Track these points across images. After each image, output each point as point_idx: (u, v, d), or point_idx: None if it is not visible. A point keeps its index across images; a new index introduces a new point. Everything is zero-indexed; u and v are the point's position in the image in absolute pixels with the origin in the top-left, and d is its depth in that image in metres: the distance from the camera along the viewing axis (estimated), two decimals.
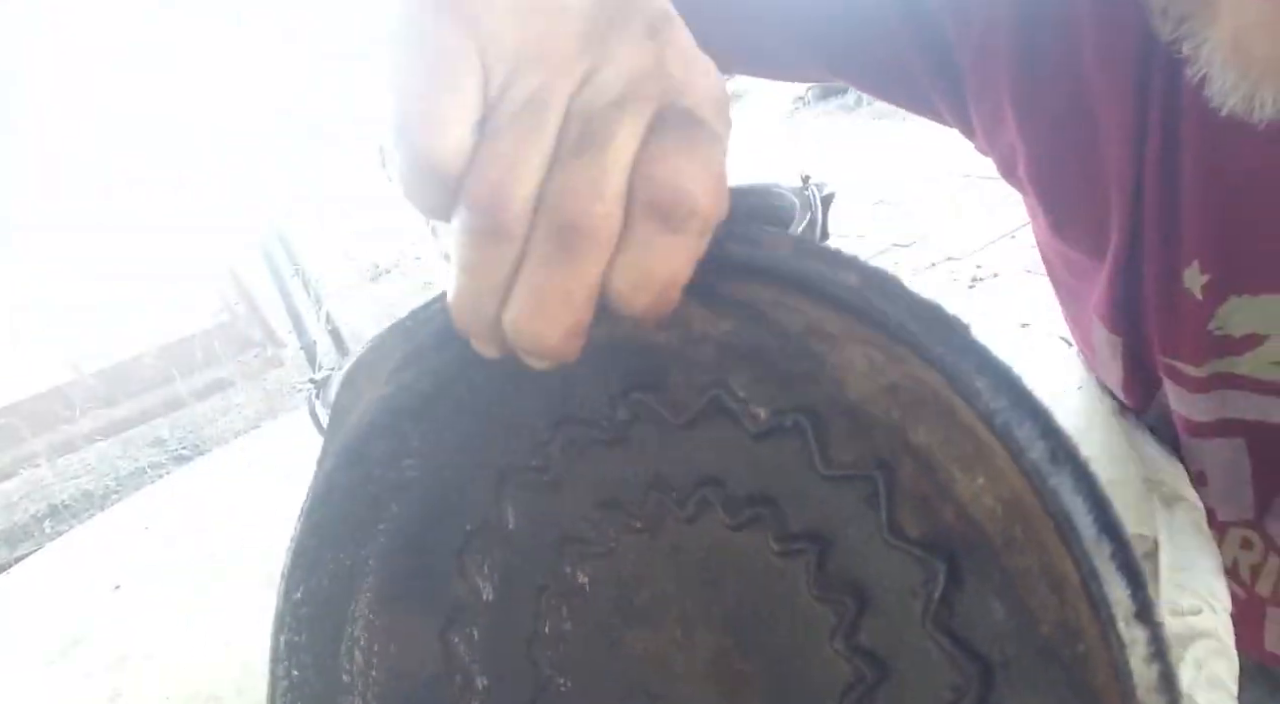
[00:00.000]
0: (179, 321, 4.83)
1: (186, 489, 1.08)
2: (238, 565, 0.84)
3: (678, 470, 0.29)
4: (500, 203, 0.23)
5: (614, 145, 0.23)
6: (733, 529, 0.28)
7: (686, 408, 0.28)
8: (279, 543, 0.28)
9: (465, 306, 0.25)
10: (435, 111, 0.23)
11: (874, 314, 0.23)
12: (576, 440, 0.30)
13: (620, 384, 0.29)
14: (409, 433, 0.30)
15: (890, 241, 3.57)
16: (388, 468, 0.31)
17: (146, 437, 4.63)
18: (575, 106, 0.23)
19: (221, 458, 1.15)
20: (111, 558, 0.96)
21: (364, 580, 0.32)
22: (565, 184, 0.23)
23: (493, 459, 0.31)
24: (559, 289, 0.23)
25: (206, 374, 4.49)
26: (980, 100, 0.51)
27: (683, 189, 0.23)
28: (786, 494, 0.28)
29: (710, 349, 0.26)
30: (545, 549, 0.32)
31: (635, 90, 0.24)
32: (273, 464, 1.04)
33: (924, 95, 0.55)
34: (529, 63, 0.23)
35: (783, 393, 0.26)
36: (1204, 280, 0.46)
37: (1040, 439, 0.22)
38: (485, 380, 0.29)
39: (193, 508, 1.01)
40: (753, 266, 0.25)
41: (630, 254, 0.23)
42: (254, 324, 4.64)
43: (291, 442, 1.09)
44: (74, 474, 4.34)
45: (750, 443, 0.27)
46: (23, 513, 4.05)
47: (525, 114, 0.23)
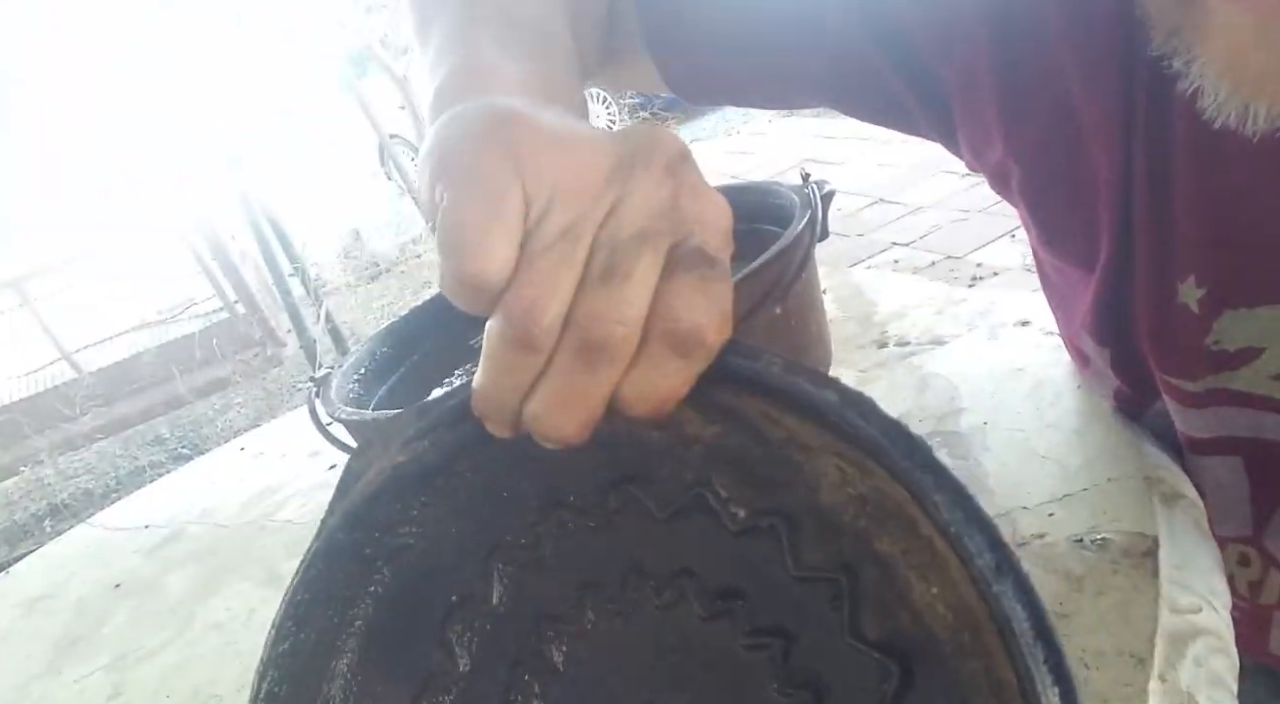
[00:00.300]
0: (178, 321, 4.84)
1: (187, 487, 1.08)
2: (239, 564, 0.85)
3: (657, 560, 0.31)
4: (534, 318, 0.26)
5: (635, 277, 0.26)
6: (704, 620, 0.30)
7: (671, 503, 0.30)
8: (280, 542, 0.28)
9: (489, 395, 0.28)
10: (484, 240, 0.26)
11: (849, 430, 0.27)
12: (566, 523, 0.32)
13: (612, 474, 0.31)
14: (411, 502, 0.32)
15: (890, 240, 3.57)
16: (386, 533, 0.33)
17: (146, 435, 4.64)
18: (602, 236, 0.27)
19: (221, 456, 1.15)
20: (111, 556, 0.96)
21: (348, 640, 0.34)
22: (592, 308, 0.26)
23: (486, 534, 0.33)
24: (579, 393, 0.27)
25: (206, 373, 4.49)
26: (967, 123, 0.51)
27: (696, 324, 0.27)
28: (757, 590, 0.30)
29: (699, 450, 0.29)
30: (524, 625, 0.33)
31: (654, 225, 0.27)
32: (273, 463, 1.04)
33: (914, 121, 0.55)
34: (564, 195, 0.27)
35: (761, 496, 0.29)
36: (1200, 294, 0.46)
37: (988, 551, 0.24)
38: (488, 460, 0.32)
39: (193, 506, 1.01)
40: (745, 379, 0.28)
41: (642, 371, 0.27)
42: (253, 323, 4.64)
43: (291, 440, 1.09)
44: (74, 473, 4.34)
45: (728, 539, 0.30)
46: (23, 512, 4.06)
47: (560, 243, 0.27)
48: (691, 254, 0.27)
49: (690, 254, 0.27)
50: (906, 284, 0.88)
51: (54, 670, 0.78)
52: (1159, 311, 0.48)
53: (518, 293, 0.26)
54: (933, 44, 0.49)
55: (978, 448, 0.60)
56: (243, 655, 0.70)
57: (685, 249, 0.27)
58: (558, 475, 0.31)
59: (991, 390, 0.65)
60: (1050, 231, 0.53)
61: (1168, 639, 0.41)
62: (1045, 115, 0.47)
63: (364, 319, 4.88)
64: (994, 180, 0.54)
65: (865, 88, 0.54)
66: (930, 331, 0.77)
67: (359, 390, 0.66)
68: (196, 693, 0.67)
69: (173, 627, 0.78)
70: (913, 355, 0.75)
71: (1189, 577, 0.45)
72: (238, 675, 0.67)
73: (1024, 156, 0.49)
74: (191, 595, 0.82)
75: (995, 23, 0.46)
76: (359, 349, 0.71)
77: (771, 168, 5.30)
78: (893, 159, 4.38)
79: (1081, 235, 0.50)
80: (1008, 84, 0.47)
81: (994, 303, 0.78)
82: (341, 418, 0.57)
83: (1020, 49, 0.46)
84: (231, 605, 0.78)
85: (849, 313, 0.87)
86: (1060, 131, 0.47)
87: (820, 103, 0.58)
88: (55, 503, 3.99)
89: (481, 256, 0.26)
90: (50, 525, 3.84)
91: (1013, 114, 0.48)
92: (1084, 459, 0.55)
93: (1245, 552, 0.56)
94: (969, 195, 3.60)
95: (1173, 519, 0.49)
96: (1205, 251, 0.45)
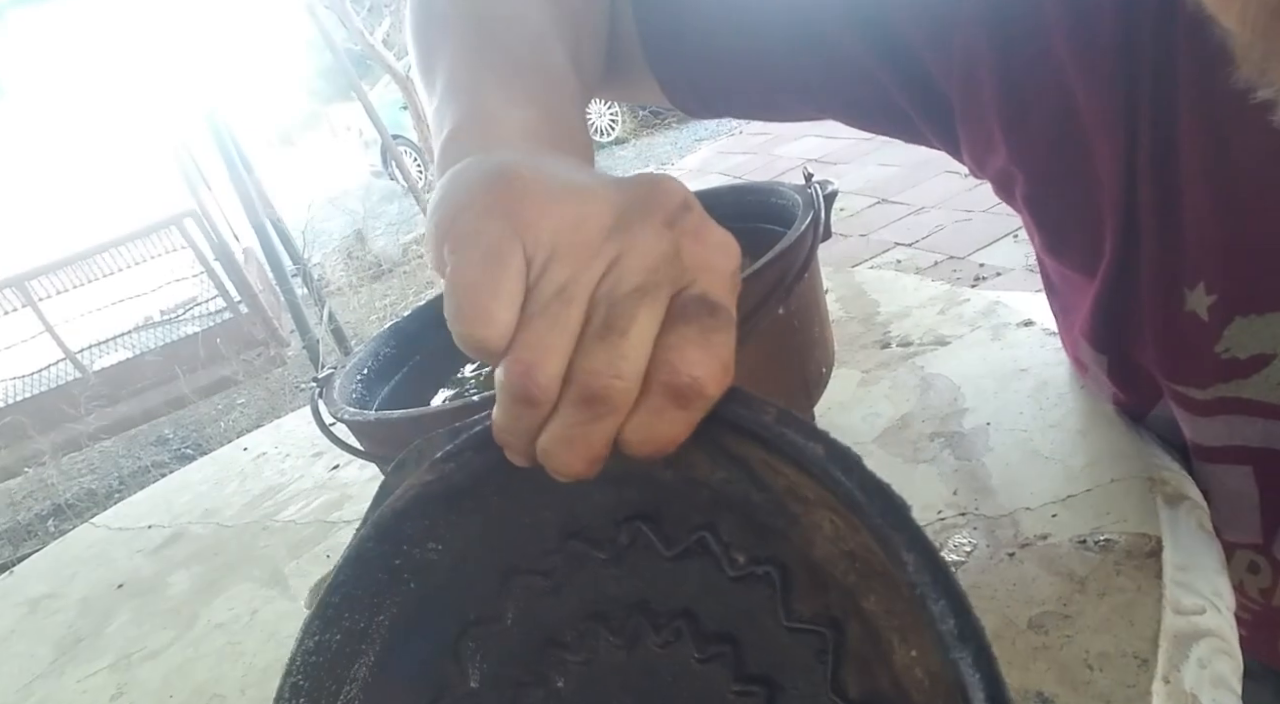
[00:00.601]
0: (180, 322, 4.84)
1: (190, 487, 1.08)
2: (241, 564, 0.85)
3: (661, 598, 0.32)
4: (531, 380, 0.27)
5: (634, 332, 0.27)
6: (699, 661, 0.32)
7: (677, 543, 0.32)
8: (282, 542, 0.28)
9: (503, 431, 0.29)
10: (486, 306, 0.27)
11: (829, 483, 0.27)
12: (580, 554, 0.33)
13: (625, 511, 0.32)
14: (439, 520, 0.34)
15: (893, 240, 3.57)
16: (414, 547, 0.34)
17: (149, 436, 4.64)
18: (601, 291, 0.28)
19: (224, 456, 1.15)
20: (115, 556, 0.96)
21: (370, 646, 0.35)
22: (591, 364, 0.27)
23: (505, 557, 0.34)
24: (582, 438, 0.28)
25: (209, 373, 4.49)
26: (969, 131, 0.51)
27: (695, 377, 0.27)
28: (749, 637, 0.31)
29: (706, 494, 0.30)
30: (533, 649, 0.35)
31: (654, 278, 0.28)
32: (276, 463, 1.04)
33: (916, 130, 0.55)
34: (563, 253, 0.28)
35: (760, 543, 0.30)
36: (1210, 301, 0.46)
37: (952, 616, 0.25)
38: (512, 486, 0.33)
39: (196, 506, 1.02)
40: (745, 428, 0.29)
41: (642, 417, 0.28)
42: (257, 323, 4.65)
43: (294, 441, 1.09)
44: (77, 473, 4.35)
45: (726, 584, 0.31)
46: (26, 512, 4.06)
47: (555, 303, 0.27)
48: (693, 304, 0.28)
49: (691, 304, 0.28)
50: (909, 284, 0.88)
51: (57, 670, 0.78)
52: (1166, 319, 0.48)
53: (516, 356, 0.27)
54: (932, 52, 0.49)
55: (980, 448, 0.60)
56: (245, 655, 0.70)
57: (687, 299, 0.28)
58: (576, 507, 0.33)
59: (994, 391, 0.65)
60: (1054, 237, 0.52)
61: (1171, 640, 0.41)
62: (1048, 120, 0.47)
63: (367, 319, 4.89)
64: (997, 187, 0.54)
65: (867, 99, 0.54)
66: (933, 332, 0.77)
67: (362, 390, 0.66)
68: (199, 692, 0.67)
69: (176, 627, 0.78)
70: (916, 356, 0.74)
71: (1193, 578, 0.45)
72: (240, 675, 0.67)
73: (1027, 163, 0.49)
74: (194, 595, 0.82)
75: (995, 28, 0.46)
76: (362, 349, 0.71)
77: (774, 168, 5.30)
78: (895, 159, 4.38)
79: (1085, 241, 0.49)
80: (1009, 90, 0.47)
81: (997, 303, 0.78)
82: (344, 418, 0.57)
83: (1021, 54, 0.45)
84: (234, 605, 0.78)
85: (852, 313, 0.87)
86: (1063, 137, 0.46)
87: (823, 115, 0.58)
88: (59, 503, 3.99)
89: (483, 323, 0.27)
90: (54, 525, 3.85)
91: (1014, 120, 0.48)
92: (1087, 460, 0.55)
93: (1255, 559, 0.56)
94: (972, 195, 3.60)
95: (1176, 520, 0.49)
96: (1216, 258, 0.45)
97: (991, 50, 0.46)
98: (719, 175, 5.51)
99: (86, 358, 4.75)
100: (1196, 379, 0.49)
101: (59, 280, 4.52)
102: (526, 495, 0.33)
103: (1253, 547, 0.55)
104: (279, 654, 0.68)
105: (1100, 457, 0.54)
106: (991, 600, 0.47)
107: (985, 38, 0.46)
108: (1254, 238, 0.43)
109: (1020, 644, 0.43)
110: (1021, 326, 0.73)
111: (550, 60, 0.44)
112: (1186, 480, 0.52)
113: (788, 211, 0.63)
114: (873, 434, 0.66)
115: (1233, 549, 0.55)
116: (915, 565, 0.25)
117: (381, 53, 5.23)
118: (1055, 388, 0.63)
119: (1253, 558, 0.56)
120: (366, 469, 0.92)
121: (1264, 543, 0.54)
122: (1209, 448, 0.52)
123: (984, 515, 0.53)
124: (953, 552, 0.51)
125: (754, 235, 0.67)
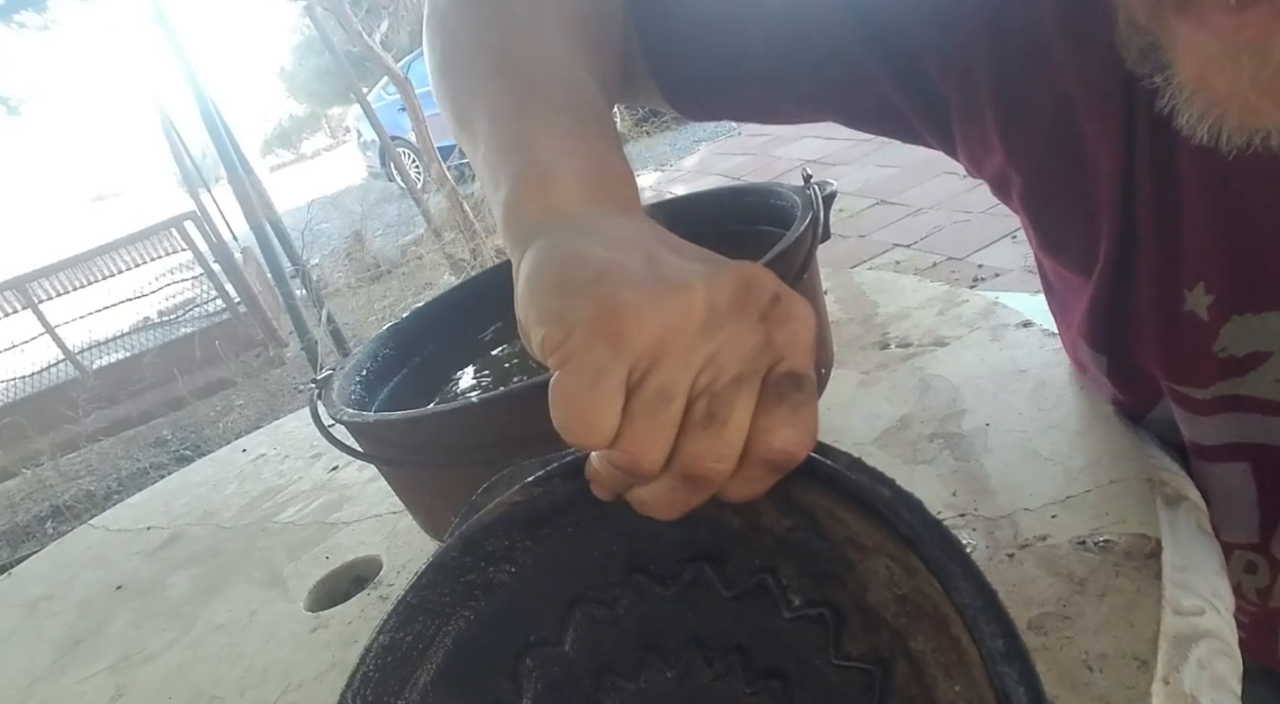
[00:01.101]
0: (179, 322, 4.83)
1: (188, 489, 1.08)
2: (240, 566, 0.85)
3: (717, 633, 0.34)
4: (636, 467, 0.30)
5: (733, 421, 0.30)
6: (749, 695, 0.33)
7: (738, 584, 0.34)
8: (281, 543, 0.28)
9: (600, 478, 0.32)
10: (591, 424, 0.30)
11: (896, 522, 0.30)
12: (644, 588, 0.35)
13: (690, 551, 0.35)
14: (517, 543, 0.36)
15: (892, 241, 3.57)
16: (490, 563, 0.36)
17: (148, 437, 4.64)
18: (701, 382, 0.30)
19: (223, 458, 1.15)
20: (113, 558, 0.96)
21: (436, 653, 0.37)
22: (694, 450, 0.30)
23: (572, 585, 0.36)
24: (682, 502, 0.31)
25: (208, 374, 4.49)
26: (966, 130, 0.51)
27: (789, 451, 0.30)
28: (798, 673, 0.33)
29: (770, 541, 0.33)
30: (588, 674, 0.36)
31: (750, 367, 0.30)
32: (274, 465, 1.04)
33: (914, 130, 0.55)
34: (660, 356, 0.30)
35: (817, 587, 0.32)
36: (1210, 301, 0.46)
37: (1001, 637, 0.27)
38: (588, 519, 0.35)
39: (195, 508, 1.02)
40: (817, 475, 0.31)
41: (739, 483, 0.31)
42: (255, 324, 4.64)
43: (293, 442, 1.09)
44: (76, 475, 4.34)
45: (781, 623, 0.33)
46: (25, 513, 4.06)
47: (657, 402, 0.30)
48: (783, 382, 0.30)
49: (782, 382, 0.30)
50: (908, 285, 0.88)
51: (56, 672, 0.78)
52: (1165, 319, 0.48)
53: (622, 448, 0.30)
54: (931, 53, 0.49)
55: (980, 449, 0.60)
56: (244, 657, 0.70)
57: (777, 377, 0.31)
58: (644, 544, 0.35)
59: (993, 392, 0.65)
60: (1052, 238, 0.53)
61: (1171, 641, 0.41)
62: (1045, 122, 0.47)
63: (365, 320, 4.88)
64: (995, 187, 0.54)
65: (865, 101, 0.54)
66: (932, 333, 0.77)
67: (361, 392, 0.66)
68: (198, 694, 0.67)
69: (174, 628, 0.78)
70: (914, 356, 0.74)
71: (1192, 579, 0.45)
72: (239, 677, 0.67)
73: (1024, 164, 0.49)
74: (193, 597, 0.82)
75: (993, 29, 0.46)
76: (361, 350, 0.71)
77: (773, 169, 5.30)
78: (894, 160, 4.38)
79: (1083, 241, 0.49)
80: (1006, 91, 0.47)
81: (996, 304, 0.78)
82: (343, 420, 0.57)
83: (1018, 53, 0.46)
84: (233, 607, 0.78)
85: (851, 314, 0.87)
86: (1060, 138, 0.47)
87: (822, 117, 0.59)
88: (57, 504, 3.99)
89: (589, 434, 0.30)
90: (52, 527, 3.84)
91: (1011, 121, 0.48)
92: (1086, 461, 0.55)
93: (1253, 559, 0.56)
94: (970, 196, 3.60)
95: (1175, 521, 0.49)
96: (1215, 258, 0.45)
97: (989, 51, 0.46)
98: (717, 176, 5.51)
99: (85, 359, 4.75)
100: (1197, 379, 0.49)
101: (59, 282, 4.52)
102: (599, 530, 0.36)
103: (1250, 546, 0.55)
104: (278, 655, 0.68)
105: (1099, 458, 0.54)
106: None
107: (983, 38, 0.46)
108: (1253, 237, 0.43)
109: None
110: (1020, 327, 0.73)
111: (584, 95, 0.45)
112: (1186, 481, 0.52)
113: (787, 213, 0.63)
114: (872, 435, 0.66)
115: (1230, 550, 0.55)
116: (970, 592, 0.28)
117: (380, 54, 5.23)
118: (1054, 389, 0.63)
119: (1250, 558, 0.56)
120: (365, 470, 0.92)
121: (1262, 542, 0.54)
122: (1208, 447, 0.52)
123: (983, 516, 0.53)
124: None
125: (753, 237, 0.67)
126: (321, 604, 0.74)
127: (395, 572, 0.74)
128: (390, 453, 0.58)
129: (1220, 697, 0.41)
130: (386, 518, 0.82)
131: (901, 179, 4.15)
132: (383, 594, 0.71)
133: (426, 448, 0.54)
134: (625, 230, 0.36)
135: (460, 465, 0.52)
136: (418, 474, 0.58)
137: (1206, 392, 0.49)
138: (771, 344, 0.31)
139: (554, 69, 0.46)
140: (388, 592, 0.72)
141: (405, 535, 0.78)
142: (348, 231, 6.51)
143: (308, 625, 0.71)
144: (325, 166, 8.68)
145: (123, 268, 4.61)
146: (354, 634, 0.67)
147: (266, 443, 1.12)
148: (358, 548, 0.79)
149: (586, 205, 0.38)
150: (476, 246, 4.98)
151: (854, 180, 4.33)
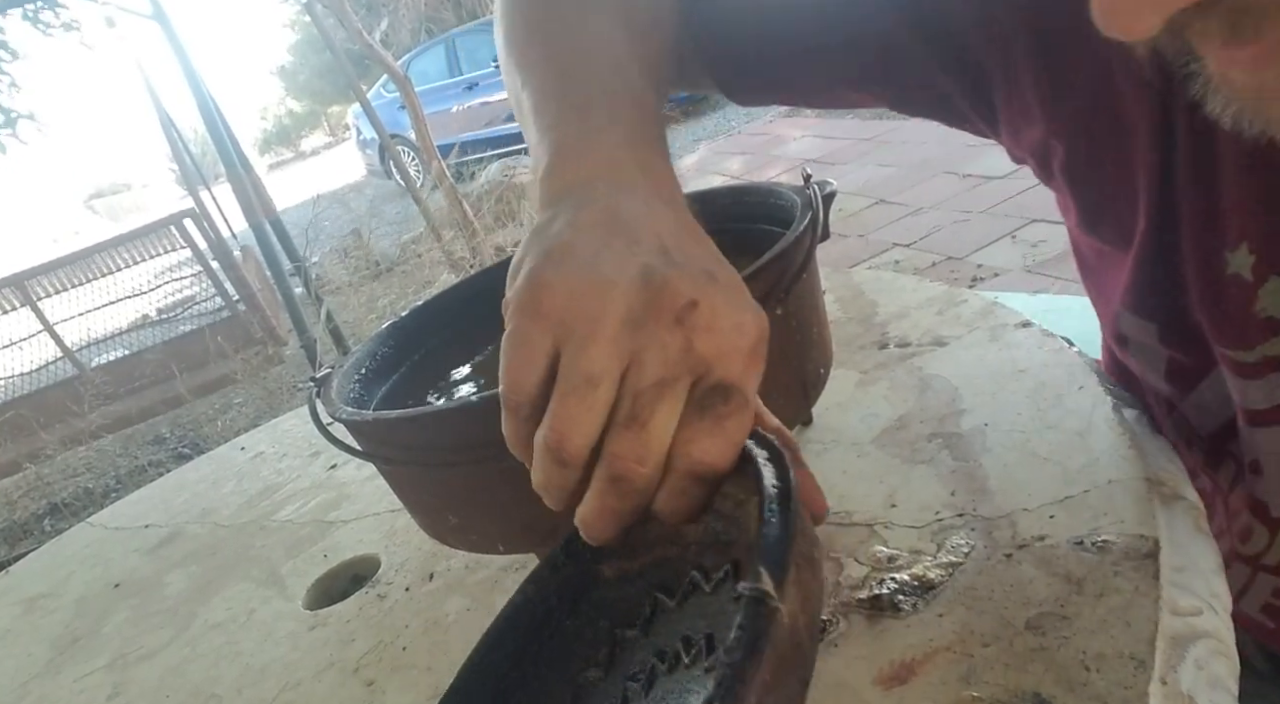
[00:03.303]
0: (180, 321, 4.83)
1: (187, 487, 1.08)
2: (238, 564, 0.85)
3: (669, 639, 0.37)
4: (563, 447, 0.32)
5: (653, 424, 0.31)
6: (706, 671, 0.35)
7: (679, 592, 0.37)
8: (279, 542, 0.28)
9: (541, 486, 0.34)
10: (516, 381, 0.33)
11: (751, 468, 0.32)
12: (620, 639, 0.39)
13: (648, 590, 0.38)
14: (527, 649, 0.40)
15: (891, 241, 3.57)
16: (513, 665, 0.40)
17: (146, 435, 4.64)
18: (626, 383, 0.32)
19: (222, 456, 1.14)
20: (111, 556, 0.96)
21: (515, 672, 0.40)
22: (617, 449, 0.32)
23: (571, 672, 0.39)
24: (613, 512, 0.33)
25: (207, 371, 4.49)
26: (1008, 102, 0.52)
27: (711, 464, 0.32)
28: (721, 626, 0.35)
29: (695, 548, 0.36)
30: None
31: (671, 372, 0.32)
32: (273, 463, 1.04)
33: (958, 110, 0.56)
34: (587, 341, 0.32)
35: (724, 556, 0.35)
36: (1252, 262, 0.46)
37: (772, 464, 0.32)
38: (581, 608, 0.40)
39: (193, 506, 1.01)
40: None
41: (668, 495, 0.33)
42: (254, 322, 4.64)
43: (292, 440, 1.09)
44: (74, 472, 4.34)
45: (708, 599, 0.35)
46: (23, 510, 4.05)
47: (584, 386, 0.32)
48: (709, 393, 0.32)
49: (708, 394, 0.32)
50: (908, 285, 0.88)
51: (53, 670, 0.78)
52: (1210, 281, 0.48)
53: (549, 425, 0.32)
54: (972, 23, 0.50)
55: (978, 449, 0.60)
56: (242, 655, 0.70)
57: (704, 388, 0.32)
58: (616, 605, 0.39)
59: (992, 391, 0.65)
60: (1091, 210, 0.53)
61: (1168, 642, 0.41)
62: (1084, 83, 0.48)
63: (365, 318, 4.88)
64: (1036, 163, 0.55)
65: (910, 78, 0.56)
66: (931, 333, 0.77)
67: (360, 390, 0.66)
68: (196, 693, 0.67)
69: (172, 626, 0.78)
70: (914, 356, 0.74)
71: (1190, 579, 0.45)
72: (237, 675, 0.67)
73: (1065, 132, 0.50)
74: (191, 595, 0.82)
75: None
76: (360, 348, 0.71)
77: (772, 168, 5.30)
78: (894, 160, 4.38)
79: (1124, 210, 0.50)
80: (1047, 59, 0.48)
81: (995, 304, 0.78)
82: (342, 418, 0.57)
83: (1056, 18, 0.47)
84: (231, 605, 0.78)
85: (850, 314, 0.87)
86: (1100, 100, 0.47)
87: (870, 101, 0.60)
88: (55, 502, 3.99)
89: (513, 388, 0.33)
90: (50, 524, 3.84)
91: (1051, 86, 0.49)
92: (1085, 461, 0.55)
93: None
94: (970, 196, 3.60)
95: (1173, 521, 0.49)
96: (1256, 218, 0.45)
97: (1029, 18, 0.47)
98: (717, 176, 5.51)
99: (84, 357, 4.75)
100: (1242, 340, 0.49)
101: (57, 280, 4.51)
102: (590, 612, 0.40)
103: None
104: (276, 654, 0.68)
105: (1098, 458, 0.54)
106: (989, 601, 0.47)
107: (1023, 7, 0.47)
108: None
109: (1017, 645, 0.43)
110: (1019, 327, 0.73)
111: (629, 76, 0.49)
112: (1184, 481, 0.52)
113: (786, 212, 0.63)
114: (871, 435, 0.66)
115: (1278, 527, 0.55)
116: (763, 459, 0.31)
117: (380, 52, 5.22)
118: (1053, 389, 0.63)
119: None
120: (364, 469, 0.92)
121: None
122: (1260, 411, 0.52)
123: (981, 516, 0.53)
124: (950, 552, 0.51)
125: (752, 236, 0.67)
126: (320, 603, 0.74)
127: (393, 570, 0.74)
128: (389, 451, 0.58)
129: (1218, 697, 0.41)
130: (385, 516, 0.82)
131: (901, 178, 4.15)
132: (380, 593, 0.71)
133: (425, 446, 0.54)
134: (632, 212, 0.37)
135: (459, 464, 0.52)
136: (416, 473, 0.58)
137: (1253, 354, 0.49)
138: (692, 351, 0.32)
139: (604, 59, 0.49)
140: (385, 590, 0.71)
141: (404, 534, 0.78)
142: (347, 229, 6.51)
143: (306, 624, 0.71)
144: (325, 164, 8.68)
145: (122, 265, 4.61)
146: (352, 633, 0.67)
147: (265, 441, 1.12)
148: (356, 546, 0.79)
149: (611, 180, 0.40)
150: (476, 245, 4.98)
151: (854, 180, 4.33)
